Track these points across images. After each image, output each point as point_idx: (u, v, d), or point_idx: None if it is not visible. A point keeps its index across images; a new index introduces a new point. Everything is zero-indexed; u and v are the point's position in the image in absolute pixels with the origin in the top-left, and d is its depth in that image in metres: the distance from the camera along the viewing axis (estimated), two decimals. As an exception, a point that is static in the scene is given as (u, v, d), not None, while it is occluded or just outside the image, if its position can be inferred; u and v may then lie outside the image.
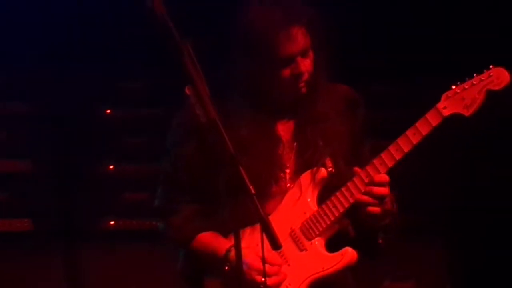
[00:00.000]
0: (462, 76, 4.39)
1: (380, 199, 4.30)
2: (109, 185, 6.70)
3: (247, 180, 3.71)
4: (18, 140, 6.54)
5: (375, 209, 4.30)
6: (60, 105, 6.61)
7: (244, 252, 3.88)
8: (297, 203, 4.41)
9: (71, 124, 6.64)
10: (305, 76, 4.36)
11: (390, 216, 4.40)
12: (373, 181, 4.32)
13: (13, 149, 6.53)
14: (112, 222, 6.66)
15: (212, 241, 4.38)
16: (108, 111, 6.74)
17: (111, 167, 6.74)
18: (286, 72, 4.34)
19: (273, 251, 4.10)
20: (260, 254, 4.11)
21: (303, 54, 4.35)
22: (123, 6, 5.01)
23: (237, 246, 3.76)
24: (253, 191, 3.68)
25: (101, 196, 6.67)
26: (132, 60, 6.52)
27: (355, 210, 4.37)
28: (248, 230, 4.16)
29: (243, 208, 3.85)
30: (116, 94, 6.77)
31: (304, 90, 4.39)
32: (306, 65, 4.36)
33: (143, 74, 6.64)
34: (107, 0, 6.19)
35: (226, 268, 4.29)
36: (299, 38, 4.34)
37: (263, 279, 4.21)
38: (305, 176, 4.41)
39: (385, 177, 4.33)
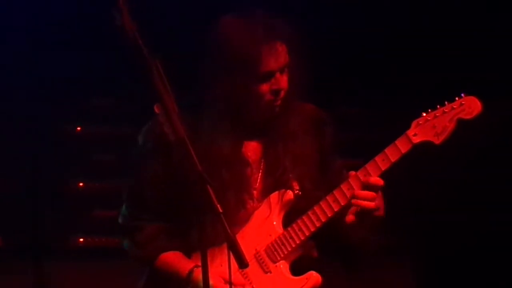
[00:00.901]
0: (434, 97, 4.39)
1: (372, 200, 4.27)
2: (78, 202, 6.64)
3: (214, 199, 3.69)
4: None
5: (370, 205, 4.27)
6: (29, 122, 6.56)
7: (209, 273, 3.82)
8: (264, 224, 4.41)
9: (40, 141, 6.59)
10: (282, 93, 4.36)
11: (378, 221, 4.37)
12: (367, 182, 4.29)
13: None
14: (81, 239, 6.61)
15: (175, 261, 4.36)
16: (78, 128, 6.69)
17: (81, 184, 6.69)
18: (265, 88, 4.33)
19: (237, 273, 4.18)
20: (224, 275, 4.10)
21: (282, 71, 4.34)
22: (94, 24, 4.99)
23: (204, 266, 3.72)
24: (220, 210, 3.66)
25: (70, 213, 6.63)
26: (102, 76, 6.49)
27: (338, 225, 4.35)
28: (214, 250, 4.14)
29: (210, 227, 3.87)
30: (85, 112, 6.72)
31: (278, 105, 4.37)
32: (283, 81, 4.35)
33: (112, 92, 6.61)
34: (78, 17, 6.12)
35: None
36: (281, 54, 4.33)
37: None
38: (274, 196, 4.40)
39: (378, 180, 4.30)
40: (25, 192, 6.54)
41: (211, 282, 4.03)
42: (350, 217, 4.33)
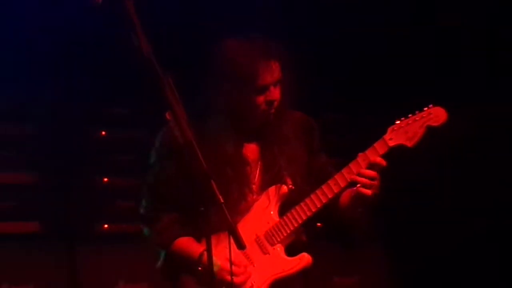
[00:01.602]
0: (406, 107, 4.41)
1: (372, 179, 4.27)
2: (104, 195, 6.64)
3: (217, 192, 3.72)
4: (27, 156, 6.47)
5: (366, 191, 4.27)
6: (62, 128, 6.55)
7: (215, 255, 3.88)
8: (263, 213, 4.42)
9: (72, 143, 6.59)
10: (275, 104, 4.38)
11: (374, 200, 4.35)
12: (369, 163, 4.30)
13: (23, 164, 6.46)
14: (106, 226, 6.58)
15: (188, 245, 4.35)
16: (103, 133, 6.69)
17: (105, 179, 6.66)
18: (261, 99, 4.34)
19: (240, 255, 4.23)
20: (228, 256, 4.06)
21: (276, 84, 4.36)
22: (111, 44, 4.98)
23: (208, 250, 3.77)
24: (221, 201, 3.69)
25: (97, 204, 6.63)
26: (123, 89, 6.49)
27: (334, 209, 4.37)
28: (219, 235, 4.07)
29: (214, 217, 3.82)
30: (109, 119, 6.73)
31: (272, 113, 4.39)
32: (276, 93, 4.36)
33: (133, 102, 6.60)
34: (99, 37, 6.14)
35: (200, 268, 4.27)
36: (275, 70, 4.35)
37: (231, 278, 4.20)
38: (271, 190, 4.43)
39: (380, 160, 4.31)
40: (60, 186, 6.49)
41: (218, 262, 4.16)
42: (345, 199, 4.37)
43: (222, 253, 4.09)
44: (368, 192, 4.27)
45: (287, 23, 6.41)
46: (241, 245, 3.78)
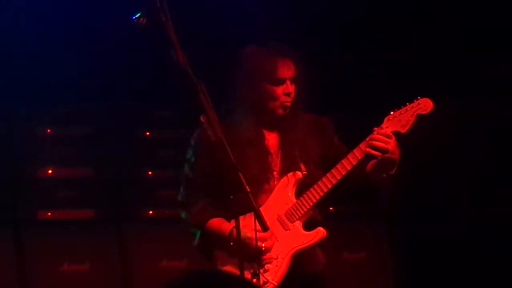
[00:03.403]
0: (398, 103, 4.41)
1: (383, 151, 4.26)
2: (148, 185, 6.60)
3: (244, 182, 3.81)
4: (84, 154, 6.48)
5: (384, 156, 4.26)
6: (114, 129, 6.58)
7: (243, 230, 3.99)
8: (282, 195, 4.42)
9: (122, 142, 6.61)
10: (291, 97, 4.40)
11: (395, 166, 4.33)
12: (379, 133, 4.30)
13: (81, 160, 6.47)
14: (150, 212, 6.56)
15: (219, 225, 4.38)
16: (148, 133, 6.68)
17: (150, 172, 6.63)
18: (279, 90, 4.38)
19: (269, 232, 4.17)
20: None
21: (292, 81, 4.40)
22: (154, 59, 5.00)
23: (237, 227, 3.88)
24: (248, 190, 3.80)
25: (142, 193, 6.59)
26: (164, 96, 6.49)
27: (360, 174, 4.35)
28: (245, 216, 4.07)
29: (242, 201, 3.91)
30: (153, 121, 6.72)
31: (288, 106, 4.41)
32: (292, 88, 4.40)
33: (172, 107, 6.58)
34: (144, 51, 6.07)
35: (231, 243, 4.30)
36: (291, 67, 4.40)
37: (263, 245, 4.24)
38: (289, 175, 4.43)
39: (386, 132, 4.31)
40: (111, 179, 6.51)
41: (247, 234, 4.15)
42: (372, 163, 4.35)
43: (249, 228, 4.11)
44: (383, 156, 4.27)
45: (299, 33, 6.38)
46: (265, 227, 3.90)
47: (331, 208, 5.76)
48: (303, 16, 6.72)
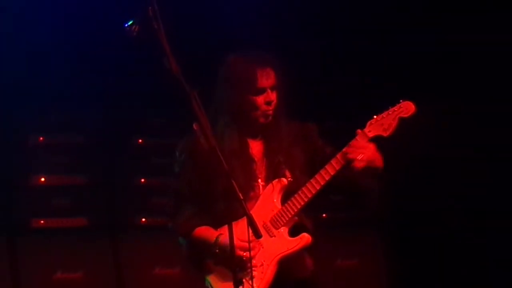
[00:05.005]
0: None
1: (361, 160, 4.26)
2: (141, 193, 6.62)
3: (237, 189, 3.79)
4: (77, 161, 6.47)
5: (361, 164, 4.26)
6: (106, 137, 6.59)
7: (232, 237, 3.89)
8: (268, 202, 4.41)
9: (115, 150, 6.63)
10: (272, 105, 4.39)
11: (377, 172, 4.35)
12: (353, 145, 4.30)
13: (74, 168, 6.47)
14: (143, 219, 6.57)
15: (205, 232, 4.37)
16: (140, 140, 6.70)
17: (143, 180, 6.64)
18: (260, 99, 4.36)
19: (251, 238, 4.07)
20: (241, 238, 4.11)
21: (272, 89, 4.38)
22: (147, 65, 5.02)
23: (230, 233, 3.83)
24: (241, 197, 3.78)
25: (135, 201, 6.62)
26: (156, 104, 6.52)
27: (344, 180, 4.34)
28: (238, 223, 4.01)
29: (233, 208, 3.92)
30: (146, 129, 6.74)
31: (271, 114, 4.41)
32: (273, 96, 4.39)
33: (164, 115, 6.59)
34: (137, 61, 6.09)
35: (217, 251, 4.29)
36: (271, 76, 4.37)
37: (244, 253, 4.20)
38: (274, 182, 4.41)
39: (359, 143, 4.31)
40: (104, 186, 6.53)
41: (234, 242, 4.03)
42: (357, 167, 4.30)
43: (238, 236, 4.04)
44: (360, 165, 4.26)
45: (280, 39, 6.39)
46: (257, 234, 3.87)
47: (324, 215, 5.79)
48: (289, 23, 6.76)
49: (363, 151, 4.29)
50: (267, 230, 4.36)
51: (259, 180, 4.44)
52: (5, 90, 6.18)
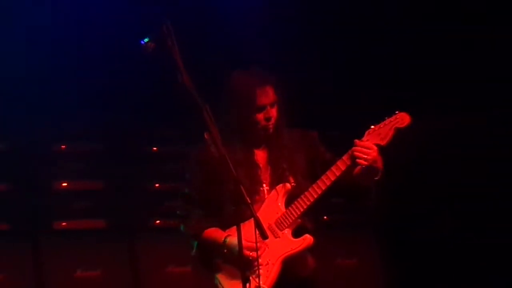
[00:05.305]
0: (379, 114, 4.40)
1: (365, 160, 4.24)
2: (155, 197, 6.62)
3: (245, 194, 3.81)
4: (97, 168, 6.49)
5: (366, 163, 4.24)
6: (124, 145, 6.62)
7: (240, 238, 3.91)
8: (273, 206, 4.40)
9: (132, 158, 6.64)
10: (272, 120, 4.40)
11: (378, 174, 4.31)
12: (358, 145, 4.27)
13: (93, 174, 6.49)
14: (157, 222, 6.57)
15: (214, 233, 4.37)
16: (155, 149, 6.71)
17: (157, 185, 6.65)
18: (260, 116, 4.37)
19: (258, 239, 4.08)
20: (249, 239, 4.10)
21: (272, 105, 4.38)
22: (162, 80, 5.03)
23: (239, 234, 3.85)
24: (249, 201, 3.81)
25: (150, 204, 6.61)
26: (170, 116, 6.48)
27: (346, 182, 4.32)
28: (245, 224, 4.00)
29: (240, 211, 3.95)
30: (160, 138, 6.75)
31: (271, 129, 4.41)
32: (273, 112, 4.39)
33: (178, 125, 6.55)
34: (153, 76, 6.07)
35: (225, 251, 4.30)
36: (270, 94, 4.37)
37: (251, 253, 4.18)
38: (278, 187, 4.41)
39: (365, 143, 4.29)
40: (121, 191, 6.53)
41: (243, 243, 4.03)
42: (358, 170, 4.30)
43: (245, 237, 4.02)
44: (366, 163, 4.25)
45: (280, 58, 6.39)
46: (264, 236, 3.89)
47: (325, 217, 5.78)
48: (289, 39, 6.75)
49: (368, 152, 4.27)
50: (272, 231, 4.35)
51: (264, 185, 4.43)
52: (31, 102, 6.22)
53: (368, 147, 4.29)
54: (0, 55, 5.98)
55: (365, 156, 4.27)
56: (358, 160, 4.28)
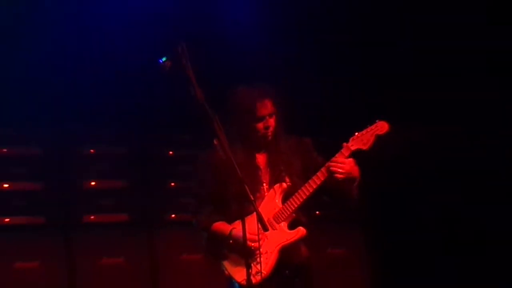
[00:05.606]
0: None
1: (339, 173, 4.29)
2: (171, 194, 6.57)
3: (249, 192, 3.83)
4: (121, 169, 6.47)
5: (341, 176, 4.29)
6: (144, 149, 6.60)
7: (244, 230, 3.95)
8: (271, 202, 4.42)
9: (151, 160, 6.61)
10: (271, 128, 4.43)
11: (355, 181, 4.35)
12: (335, 161, 4.30)
13: (118, 174, 6.48)
14: (173, 216, 6.53)
15: (221, 226, 4.39)
16: (171, 152, 6.69)
17: (172, 184, 6.61)
18: (260, 125, 4.41)
19: (258, 231, 4.13)
20: (251, 232, 4.13)
21: (270, 116, 4.42)
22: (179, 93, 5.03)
23: (243, 227, 3.90)
24: (252, 198, 3.83)
25: (167, 201, 6.57)
26: (184, 124, 6.39)
27: (330, 186, 4.33)
28: (248, 218, 4.05)
29: (244, 207, 4.00)
30: (175, 143, 6.71)
31: (270, 136, 4.44)
32: (271, 122, 4.43)
33: (191, 132, 6.53)
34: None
35: (231, 241, 4.32)
36: (268, 106, 4.40)
37: (253, 244, 4.21)
38: (276, 186, 4.44)
39: (338, 159, 4.31)
40: (142, 189, 6.45)
41: (242, 235, 4.03)
42: (338, 177, 4.32)
43: (248, 229, 4.04)
44: (340, 176, 4.29)
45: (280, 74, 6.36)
46: (265, 228, 3.90)
47: (317, 212, 5.76)
48: (287, 56, 6.70)
49: (342, 166, 4.31)
50: (271, 224, 4.36)
51: (264, 185, 4.46)
52: (65, 112, 6.21)
53: (342, 162, 4.31)
54: (36, 74, 5.99)
55: (340, 170, 4.30)
56: (334, 175, 4.31)
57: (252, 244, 4.19)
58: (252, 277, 4.09)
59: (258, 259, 4.23)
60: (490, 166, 6.64)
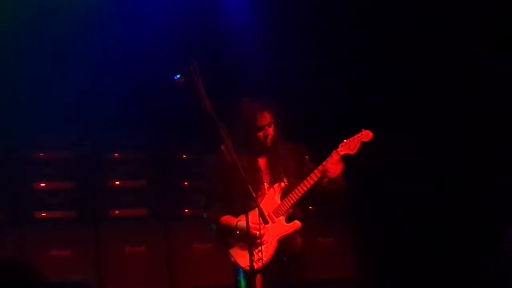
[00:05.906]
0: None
1: (332, 173, 4.32)
2: (185, 192, 6.51)
3: (252, 191, 3.86)
4: (141, 171, 6.42)
5: (332, 175, 4.31)
6: (161, 154, 6.55)
7: (248, 223, 4.04)
8: (271, 200, 4.44)
9: (167, 162, 6.56)
10: (270, 137, 4.46)
11: (341, 181, 4.38)
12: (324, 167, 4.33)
13: (138, 175, 6.41)
14: (186, 210, 6.47)
15: (229, 219, 4.41)
16: (184, 156, 6.64)
17: (186, 183, 6.56)
18: (260, 134, 4.45)
19: (261, 224, 4.18)
20: (254, 224, 4.19)
21: (269, 125, 4.46)
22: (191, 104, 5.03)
23: (247, 220, 3.98)
24: (255, 195, 3.85)
25: (180, 198, 6.49)
26: (195, 132, 6.33)
27: (320, 187, 4.35)
28: (251, 213, 4.11)
29: (247, 203, 4.04)
30: (188, 148, 6.62)
31: (269, 143, 4.47)
32: (270, 131, 4.47)
33: (201, 138, 6.36)
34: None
35: (238, 232, 4.33)
36: (267, 117, 4.44)
37: (257, 232, 4.24)
38: (275, 185, 4.47)
39: (332, 162, 4.32)
40: (159, 187, 6.43)
41: (250, 225, 4.11)
42: (326, 180, 4.37)
43: (251, 222, 4.12)
44: (332, 175, 4.32)
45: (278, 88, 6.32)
46: (266, 221, 3.94)
47: (310, 207, 5.77)
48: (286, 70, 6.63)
49: (333, 167, 4.36)
50: (271, 218, 4.39)
51: (265, 184, 4.49)
52: (92, 121, 6.19)
53: (333, 164, 4.34)
54: (67, 87, 5.98)
55: (331, 171, 4.35)
56: (326, 174, 4.34)
57: (256, 232, 4.21)
58: (254, 263, 4.11)
59: (260, 248, 4.25)
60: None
